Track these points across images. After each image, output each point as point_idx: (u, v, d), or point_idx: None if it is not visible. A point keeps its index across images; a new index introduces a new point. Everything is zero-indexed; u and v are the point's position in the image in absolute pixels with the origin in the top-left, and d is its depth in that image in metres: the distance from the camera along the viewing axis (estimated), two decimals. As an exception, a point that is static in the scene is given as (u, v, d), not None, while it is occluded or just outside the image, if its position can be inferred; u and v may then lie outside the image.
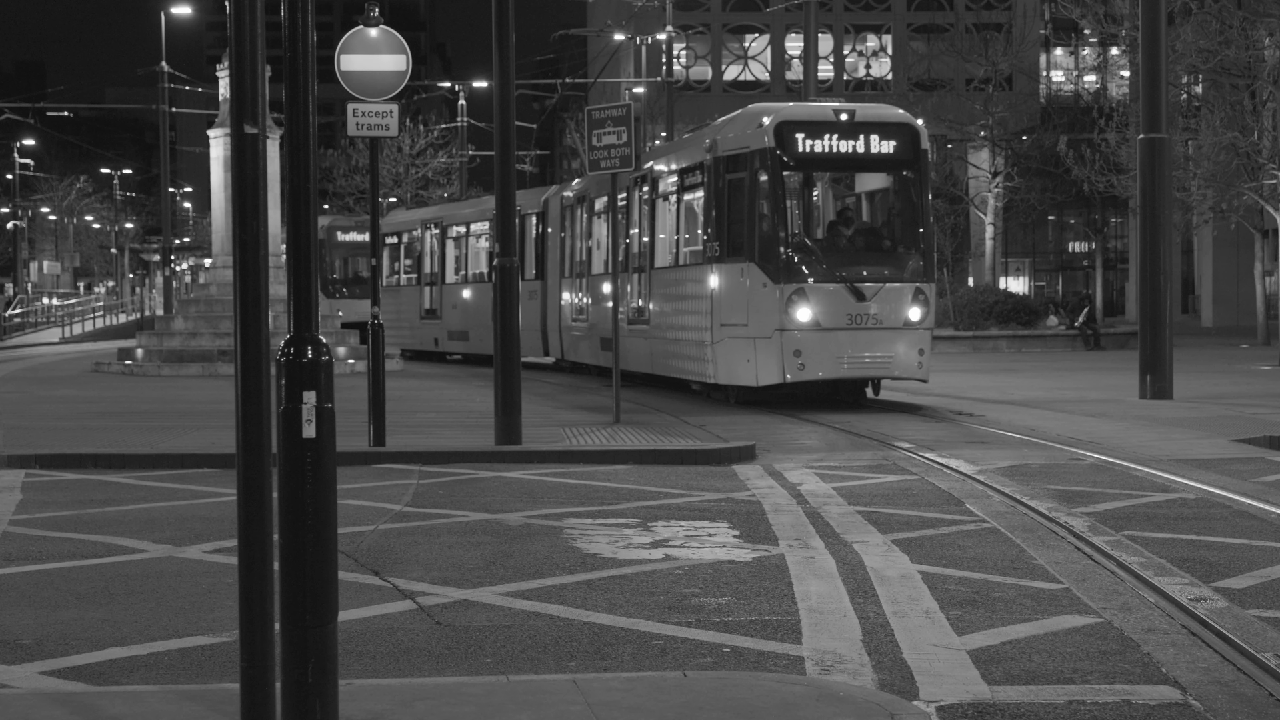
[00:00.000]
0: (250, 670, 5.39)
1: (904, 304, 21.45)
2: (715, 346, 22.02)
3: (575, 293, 31.04)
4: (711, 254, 22.21)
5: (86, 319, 72.68)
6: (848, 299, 21.10)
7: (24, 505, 12.38)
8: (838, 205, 24.15)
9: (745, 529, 10.96)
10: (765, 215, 21.36)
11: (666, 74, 52.63)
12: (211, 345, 32.39)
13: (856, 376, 22.11)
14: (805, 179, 23.03)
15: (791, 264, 21.17)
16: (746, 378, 21.58)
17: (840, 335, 21.06)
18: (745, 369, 21.50)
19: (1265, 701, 6.40)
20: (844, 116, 21.75)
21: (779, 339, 20.93)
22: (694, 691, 6.27)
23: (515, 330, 16.34)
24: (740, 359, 21.54)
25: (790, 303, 20.85)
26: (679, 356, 23.93)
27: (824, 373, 21.28)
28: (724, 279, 21.86)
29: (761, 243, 21.24)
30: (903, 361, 21.51)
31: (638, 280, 26.30)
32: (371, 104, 15.11)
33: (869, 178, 23.40)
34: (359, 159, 71.30)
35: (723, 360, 21.93)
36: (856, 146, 21.71)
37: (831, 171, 23.54)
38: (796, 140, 21.55)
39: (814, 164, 22.41)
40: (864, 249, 22.14)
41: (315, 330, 5.44)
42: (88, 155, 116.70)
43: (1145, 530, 10.83)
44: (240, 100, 5.41)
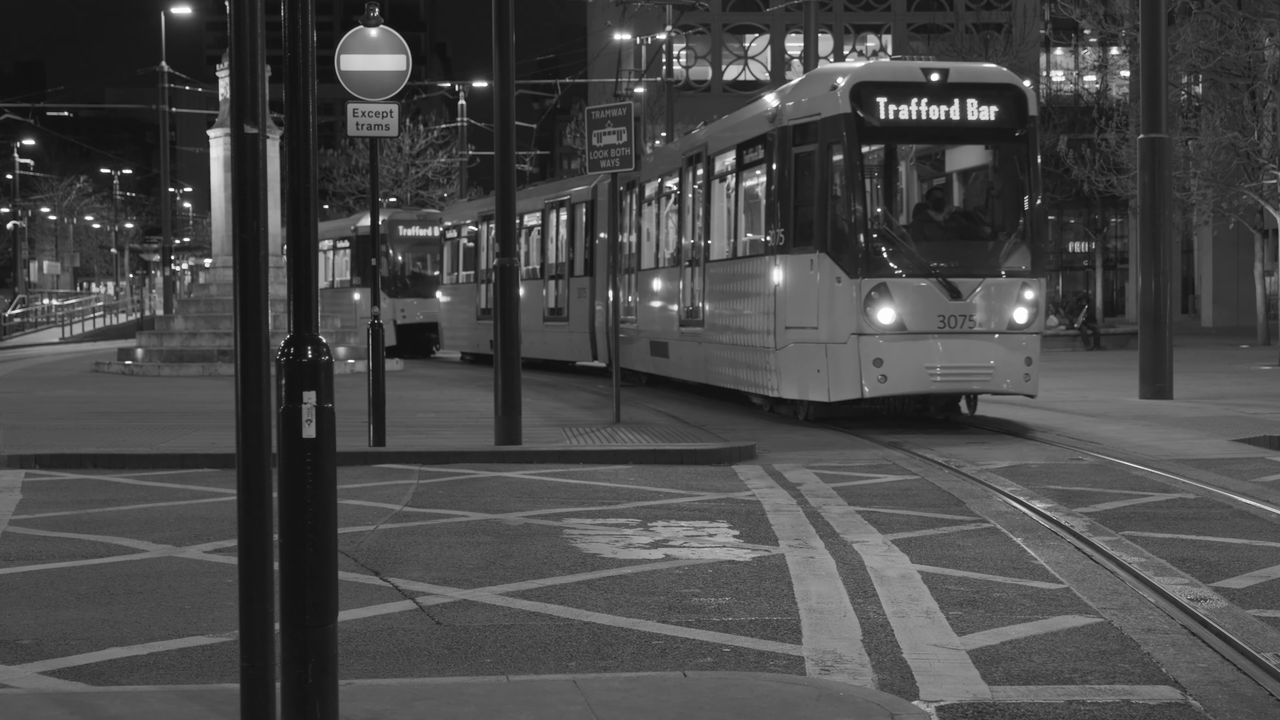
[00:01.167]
0: (250, 670, 5.39)
1: (1008, 303, 18.18)
2: (779, 353, 19.02)
3: (623, 290, 27.58)
4: (775, 243, 19.08)
5: (86, 319, 72.70)
6: (940, 297, 17.81)
7: (24, 505, 12.38)
8: (926, 184, 20.83)
9: (745, 529, 10.96)
10: (839, 196, 18.14)
11: (666, 74, 52.65)
12: (211, 345, 32.40)
13: (949, 391, 18.74)
14: (888, 152, 19.66)
15: (871, 254, 17.87)
16: (816, 391, 18.43)
17: (930, 341, 17.81)
18: (815, 381, 18.38)
19: (1265, 701, 6.40)
20: (935, 77, 18.33)
21: (856, 345, 17.70)
22: (694, 691, 6.27)
23: (515, 330, 16.37)
24: (809, 368, 18.47)
25: (870, 301, 17.63)
26: (736, 364, 20.97)
27: (909, 386, 18.05)
28: (790, 273, 18.77)
29: (835, 229, 18.05)
30: (1006, 373, 18.22)
31: (691, 276, 23.22)
32: (371, 104, 15.12)
33: (965, 151, 20.03)
34: (359, 159, 71.35)
35: (788, 370, 18.93)
36: (950, 112, 18.29)
37: (920, 143, 20.04)
38: (878, 105, 18.19)
39: (899, 134, 18.96)
40: (959, 237, 18.88)
41: (315, 330, 5.44)
42: (88, 155, 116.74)
43: (1145, 530, 10.83)
44: (240, 100, 5.41)
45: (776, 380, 19.25)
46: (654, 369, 26.12)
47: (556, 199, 32.84)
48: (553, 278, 32.42)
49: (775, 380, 19.28)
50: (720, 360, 21.69)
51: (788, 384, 19.00)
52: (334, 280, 45.36)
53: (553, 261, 32.62)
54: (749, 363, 20.24)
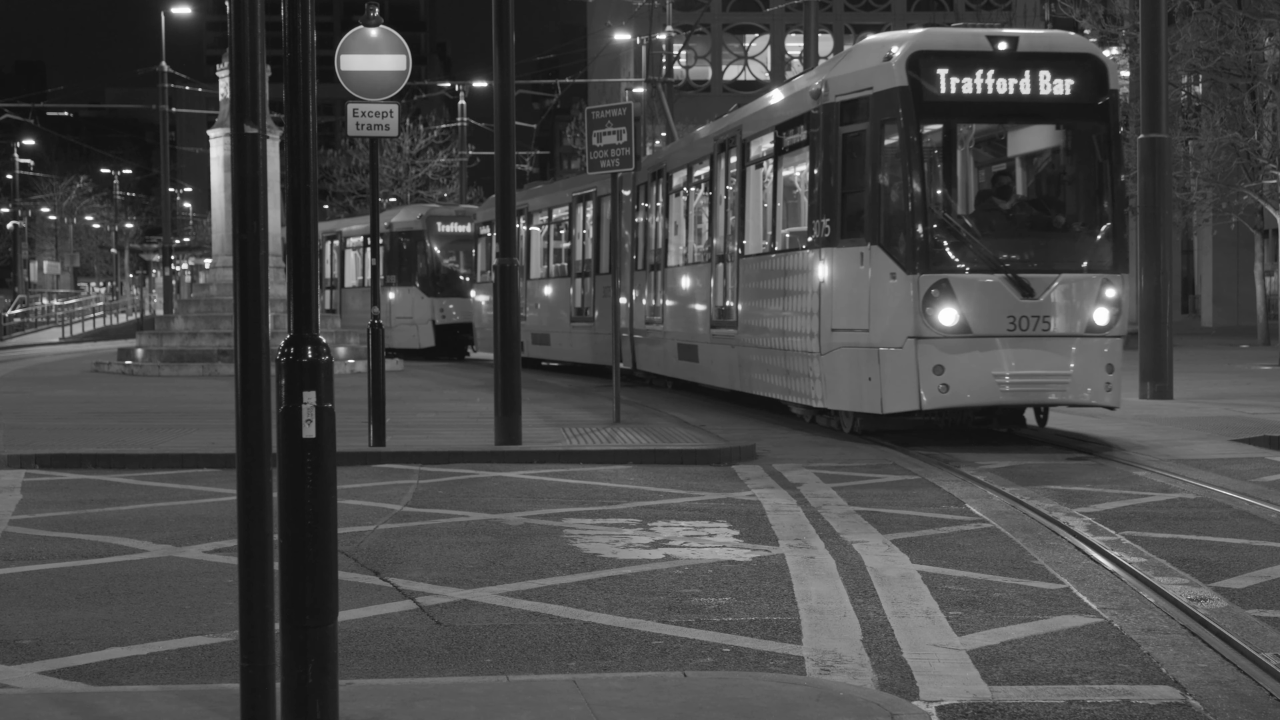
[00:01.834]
0: (250, 670, 5.39)
1: (1087, 302, 16.11)
2: (824, 359, 17.03)
3: (648, 289, 26.01)
4: (820, 235, 17.07)
5: (86, 319, 72.71)
6: (1009, 295, 15.80)
7: (24, 505, 12.38)
8: (993, 167, 18.42)
9: (745, 529, 10.96)
10: (894, 181, 16.17)
11: (666, 74, 52.65)
12: (211, 345, 32.40)
13: (1019, 403, 16.71)
14: (949, 131, 17.07)
15: (931, 247, 15.84)
16: (867, 401, 16.43)
17: (998, 345, 15.80)
18: (865, 390, 16.36)
19: (1265, 701, 6.40)
20: (1003, 45, 16.24)
21: (913, 350, 15.73)
22: (694, 691, 6.27)
23: (515, 330, 16.38)
24: (858, 376, 16.45)
25: (930, 300, 15.67)
26: (774, 370, 19.00)
27: (975, 396, 16.02)
28: (837, 268, 16.78)
29: (889, 218, 16.10)
30: (1084, 381, 16.14)
31: (723, 273, 21.29)
32: (371, 104, 15.12)
33: (1037, 131, 17.71)
34: (359, 159, 71.41)
35: (834, 377, 16.92)
36: (1020, 86, 16.23)
37: (986, 121, 17.64)
38: (938, 78, 16.10)
39: (962, 110, 16.66)
40: (1030, 227, 16.85)
41: (315, 330, 5.44)
42: (88, 155, 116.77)
43: (1145, 530, 10.83)
44: (240, 100, 5.41)
45: (821, 389, 17.24)
46: (682, 374, 24.32)
47: (583, 191, 30.97)
48: (579, 276, 30.58)
49: (819, 389, 17.29)
50: (756, 365, 19.87)
51: (834, 393, 17.03)
52: (365, 279, 43.62)
53: (579, 258, 30.83)
54: (789, 369, 18.36)
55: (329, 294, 45.33)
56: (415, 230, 41.07)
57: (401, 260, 41.20)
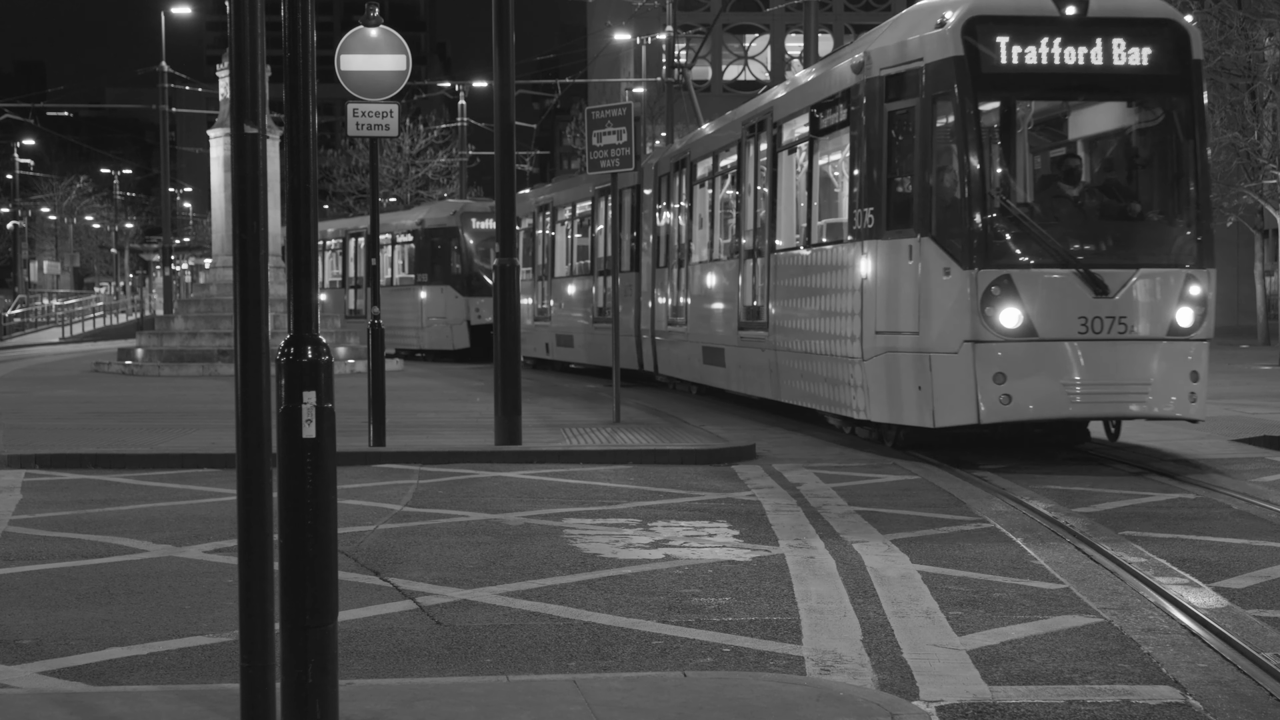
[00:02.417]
0: (250, 670, 5.39)
1: (1169, 300, 14.34)
2: (866, 365, 15.39)
3: (670, 287, 24.29)
4: (862, 226, 15.41)
5: (86, 319, 72.71)
6: (1080, 293, 14.09)
7: (24, 505, 12.38)
8: (1058, 148, 16.63)
9: (745, 529, 10.96)
10: (948, 164, 14.47)
11: (666, 74, 52.66)
12: (211, 345, 32.42)
13: (1092, 415, 14.98)
14: (1010, 108, 15.51)
15: (991, 238, 14.20)
16: (915, 413, 14.80)
17: (1069, 350, 14.12)
18: (914, 401, 14.77)
19: (1265, 701, 6.40)
20: (1071, 10, 14.40)
21: (970, 355, 14.09)
22: (694, 691, 6.27)
23: (516, 330, 16.37)
24: (906, 385, 14.85)
25: (989, 299, 14.01)
26: (809, 377, 17.36)
27: (1041, 409, 14.29)
28: (882, 263, 15.09)
29: (942, 206, 14.46)
30: (1166, 391, 14.35)
31: (752, 269, 19.60)
32: (371, 104, 15.13)
33: (1109, 107, 15.76)
34: (359, 159, 71.45)
35: (878, 386, 15.27)
36: (1091, 55, 14.37)
37: (1053, 96, 15.87)
38: (998, 47, 14.33)
39: (1026, 83, 14.95)
40: (1102, 216, 14.94)
41: (315, 330, 5.44)
42: (88, 155, 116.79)
43: (1145, 530, 10.83)
44: (240, 100, 5.41)
45: (863, 398, 15.60)
46: (706, 379, 22.58)
47: (605, 184, 29.00)
48: (602, 274, 28.89)
49: (861, 398, 15.66)
50: (789, 371, 18.17)
51: (877, 403, 15.35)
52: (394, 278, 42.05)
53: (602, 255, 29.14)
54: (826, 376, 16.67)
55: (353, 293, 43.78)
56: (448, 227, 39.57)
57: (434, 258, 39.62)
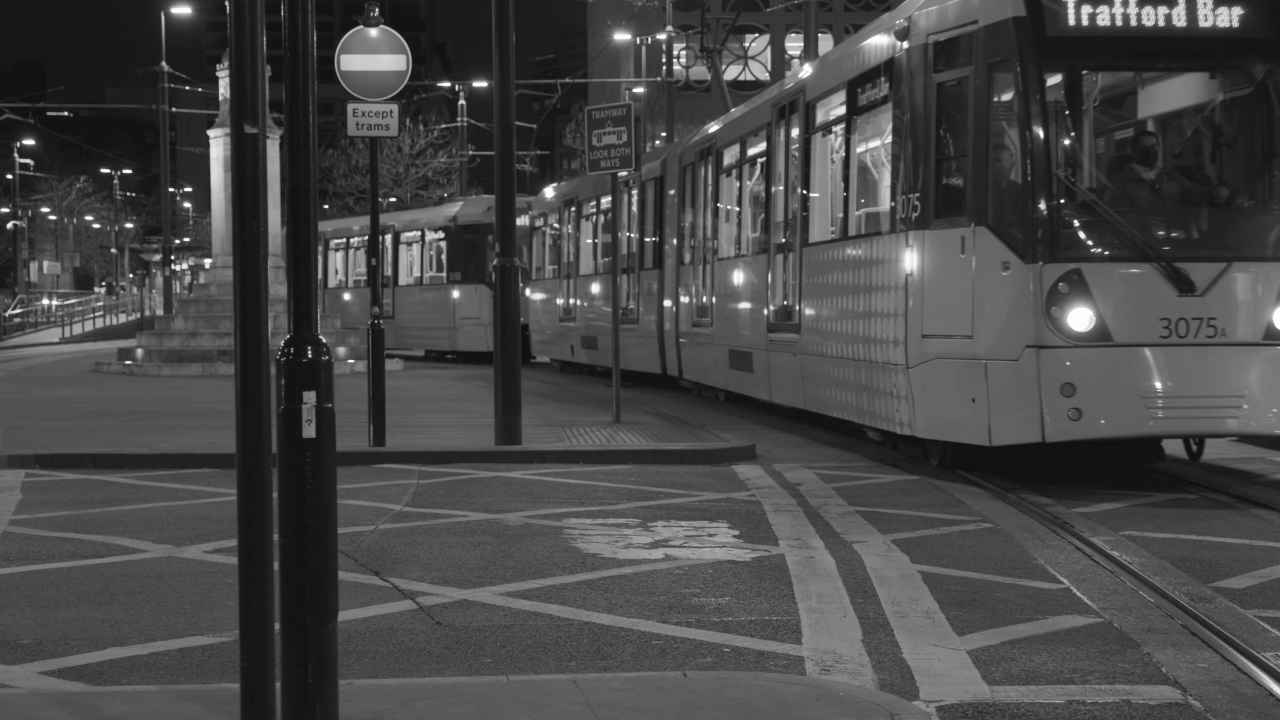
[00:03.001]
0: (250, 670, 5.39)
1: (1267, 299, 12.41)
2: (912, 373, 13.60)
3: (695, 285, 22.61)
4: (907, 215, 13.63)
5: (86, 319, 72.74)
6: (1162, 290, 12.19)
7: (24, 505, 12.39)
8: (1133, 127, 14.29)
9: (745, 529, 10.96)
10: (1007, 142, 12.68)
11: (666, 74, 52.69)
12: (211, 345, 32.44)
13: (1177, 433, 12.95)
14: (1079, 77, 13.38)
15: (1057, 227, 12.32)
16: (968, 429, 13.02)
17: (1148, 356, 12.17)
18: (967, 415, 12.94)
19: (1265, 701, 6.40)
20: None
21: (1034, 363, 12.21)
22: (694, 691, 6.27)
23: (516, 330, 16.38)
24: (958, 396, 13.06)
25: (1056, 297, 12.16)
26: (846, 386, 15.56)
27: (1115, 425, 12.32)
28: (930, 257, 13.30)
29: (1000, 191, 12.66)
30: (1266, 403, 12.41)
31: (782, 265, 17.88)
32: (371, 104, 15.13)
33: (1192, 77, 13.67)
34: (359, 159, 71.44)
35: (925, 397, 13.49)
36: (1173, 16, 12.53)
37: (1128, 64, 13.79)
38: (1065, 6, 12.51)
39: (1097, 49, 12.96)
40: (1184, 202, 13.05)
41: (315, 330, 5.44)
42: (88, 155, 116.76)
43: (1145, 530, 10.83)
44: (240, 100, 5.41)
45: (908, 410, 13.80)
46: (733, 385, 21.00)
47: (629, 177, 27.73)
48: (624, 271, 26.80)
49: (905, 410, 13.85)
50: (823, 379, 16.34)
51: (924, 417, 13.59)
52: (423, 276, 40.71)
53: (624, 252, 27.06)
54: (865, 384, 14.87)
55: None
56: (482, 224, 37.18)
57: (468, 256, 37.69)
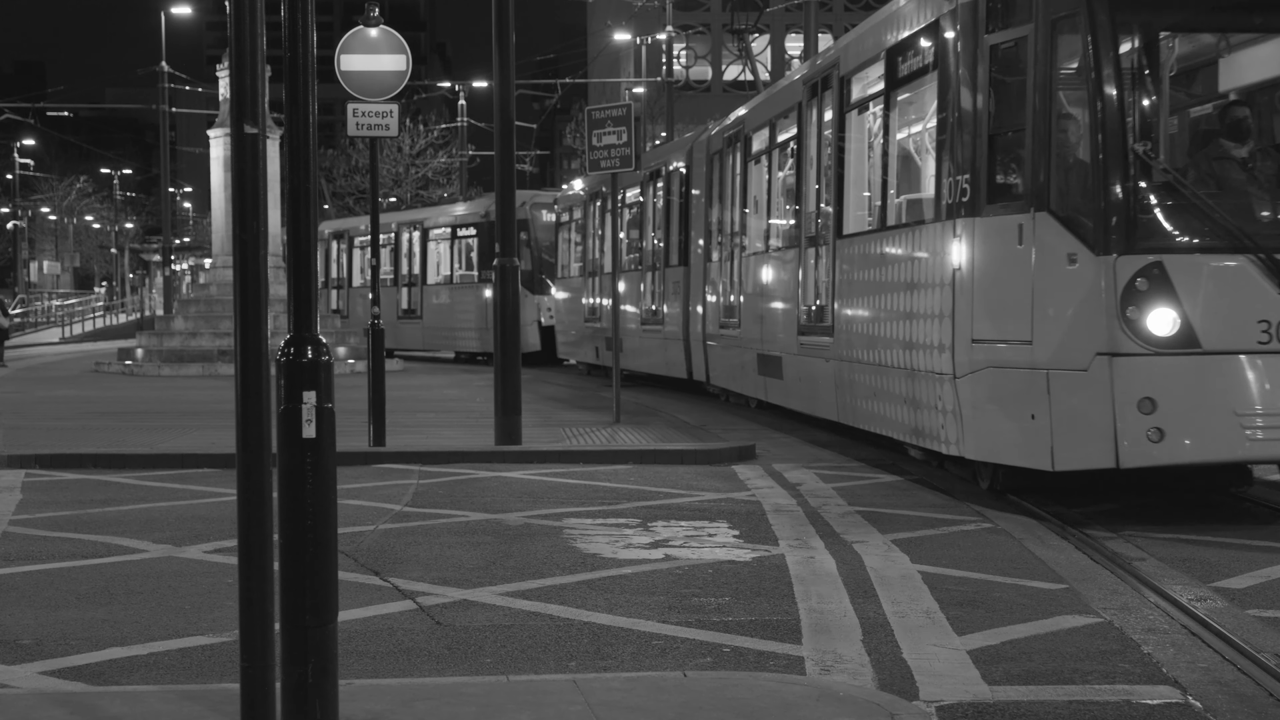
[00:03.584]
0: (250, 670, 5.39)
1: None
2: (960, 384, 11.71)
3: (722, 283, 20.94)
4: (954, 200, 11.74)
5: (86, 319, 72.75)
6: (1261, 287, 10.37)
7: (24, 505, 12.39)
8: (1220, 98, 12.28)
9: (745, 529, 10.96)
10: (1073, 114, 10.90)
11: (666, 74, 52.70)
12: (211, 345, 32.45)
13: (1276, 457, 10.91)
14: (1151, 41, 11.36)
15: (1135, 213, 10.38)
16: (1026, 451, 11.10)
17: (1244, 366, 10.34)
18: (1025, 434, 11.04)
19: (1265, 701, 6.40)
20: None
21: (1106, 373, 10.36)
22: (694, 691, 6.27)
23: (516, 331, 16.37)
24: (1014, 412, 11.15)
25: (1134, 295, 10.30)
26: (885, 397, 13.77)
27: (1204, 448, 10.45)
28: (981, 248, 11.43)
29: (1065, 170, 10.84)
30: None
31: (814, 260, 16.11)
32: (371, 104, 15.13)
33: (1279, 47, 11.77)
34: (359, 159, 71.43)
35: (975, 412, 11.58)
36: None
37: (1215, 24, 11.91)
38: None
39: (1179, 5, 11.45)
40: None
41: (315, 330, 5.44)
42: (88, 155, 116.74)
43: (1145, 530, 10.83)
44: (240, 100, 5.41)
45: (954, 428, 11.94)
46: (761, 393, 19.34)
47: (654, 167, 26.06)
48: (650, 269, 25.67)
49: (952, 428, 12.00)
50: (859, 388, 14.61)
51: (974, 435, 11.67)
52: (453, 275, 39.29)
53: (649, 248, 25.94)
54: (906, 396, 13.09)
55: (405, 291, 41.65)
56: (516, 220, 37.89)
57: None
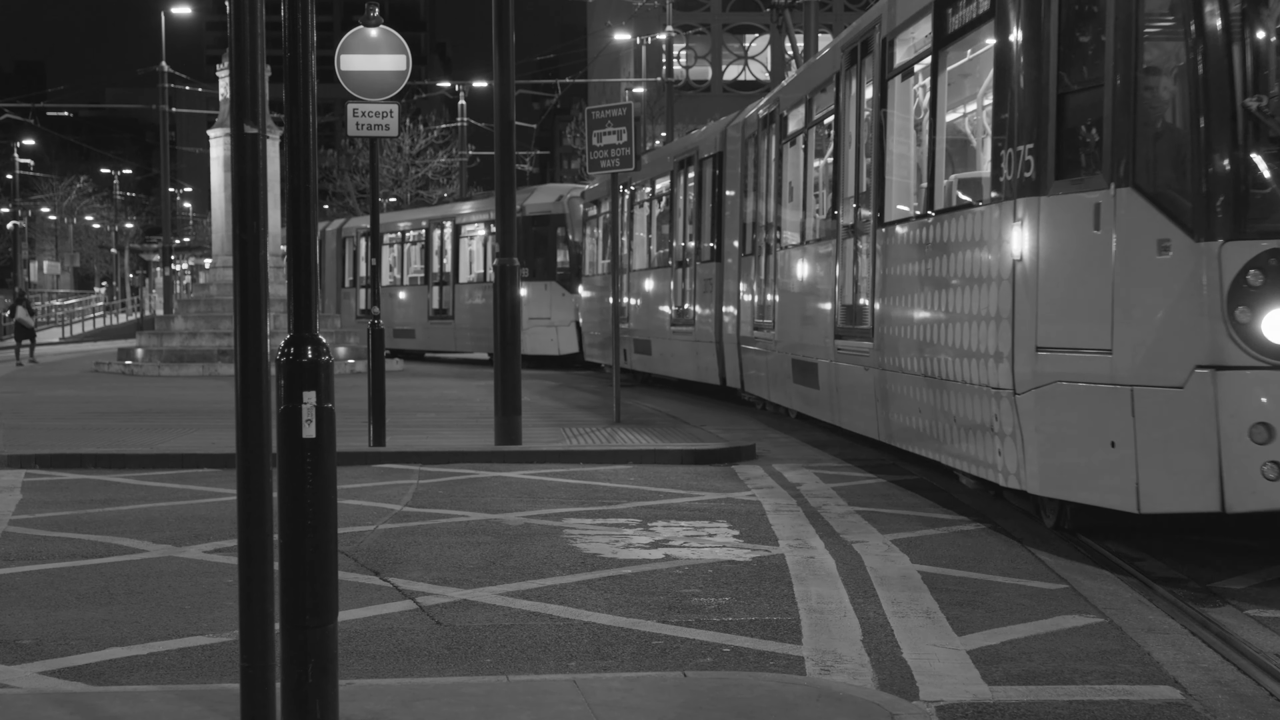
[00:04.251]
0: (250, 670, 5.39)
1: None
2: (1021, 401, 9.72)
3: (756, 280, 19.32)
4: (1014, 176, 9.78)
5: (86, 319, 72.76)
6: None
7: (24, 505, 12.39)
8: None
9: (745, 529, 10.96)
10: (1163, 70, 8.99)
11: (666, 74, 52.71)
12: (211, 345, 32.45)
13: None
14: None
15: (1246, 188, 8.58)
16: (1106, 487, 9.13)
17: None
18: (1103, 465, 9.07)
19: (1265, 701, 6.40)
20: None
21: (1210, 391, 8.51)
22: (694, 691, 6.27)
23: (516, 330, 16.34)
24: (1089, 437, 9.18)
25: (1245, 293, 8.46)
26: (932, 413, 11.80)
27: None
28: (1047, 233, 9.50)
29: (1154, 137, 8.95)
30: None
31: (852, 252, 14.33)
32: (371, 104, 15.14)
33: None
34: (359, 159, 71.42)
35: (1040, 436, 9.58)
36: None
37: None
38: None
39: None
40: None
41: (315, 330, 5.45)
42: (88, 155, 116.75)
43: (1145, 530, 10.82)
44: (240, 100, 5.42)
45: (1014, 453, 9.93)
46: (796, 403, 17.55)
47: (684, 155, 24.42)
48: (680, 265, 23.93)
49: (1011, 453, 9.99)
50: (901, 401, 12.73)
51: (1038, 464, 9.64)
52: (486, 273, 36.74)
53: (679, 242, 24.11)
54: (955, 413, 11.18)
55: (437, 290, 39.70)
56: (552, 215, 35.02)
57: (535, 250, 34.48)
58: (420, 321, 40.70)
